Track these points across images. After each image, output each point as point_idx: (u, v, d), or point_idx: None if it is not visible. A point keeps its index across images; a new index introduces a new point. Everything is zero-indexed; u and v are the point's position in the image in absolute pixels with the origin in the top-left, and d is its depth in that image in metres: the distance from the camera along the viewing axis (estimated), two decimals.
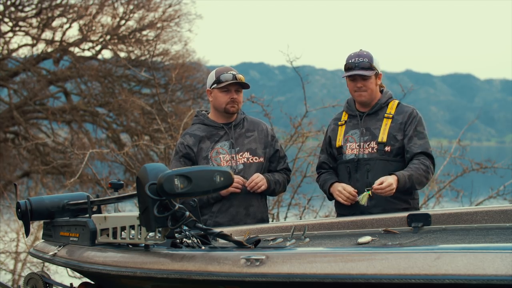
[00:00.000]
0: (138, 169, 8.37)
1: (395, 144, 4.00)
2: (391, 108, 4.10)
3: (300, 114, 8.10)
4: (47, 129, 15.40)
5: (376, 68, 4.05)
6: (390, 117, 4.06)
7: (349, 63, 4.03)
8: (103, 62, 15.60)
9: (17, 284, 8.06)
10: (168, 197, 2.77)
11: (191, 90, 15.41)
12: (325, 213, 7.91)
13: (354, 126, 4.12)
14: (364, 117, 4.10)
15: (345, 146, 4.10)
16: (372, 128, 4.07)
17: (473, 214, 3.61)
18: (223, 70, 4.17)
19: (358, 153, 4.04)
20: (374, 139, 4.03)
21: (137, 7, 15.46)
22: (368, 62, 4.00)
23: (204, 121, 4.24)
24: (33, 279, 3.56)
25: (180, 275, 2.81)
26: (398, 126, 4.03)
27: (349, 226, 3.78)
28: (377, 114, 4.10)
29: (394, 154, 4.01)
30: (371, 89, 4.05)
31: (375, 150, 4.01)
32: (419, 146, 3.99)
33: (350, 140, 4.10)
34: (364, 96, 4.06)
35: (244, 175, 4.11)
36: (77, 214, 3.63)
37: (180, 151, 4.16)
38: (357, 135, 4.09)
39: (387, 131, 4.02)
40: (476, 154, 9.97)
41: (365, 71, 4.00)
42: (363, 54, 4.03)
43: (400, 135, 4.02)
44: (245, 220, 4.09)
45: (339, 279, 2.47)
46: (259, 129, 4.27)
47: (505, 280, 2.22)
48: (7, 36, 15.04)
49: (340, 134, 4.15)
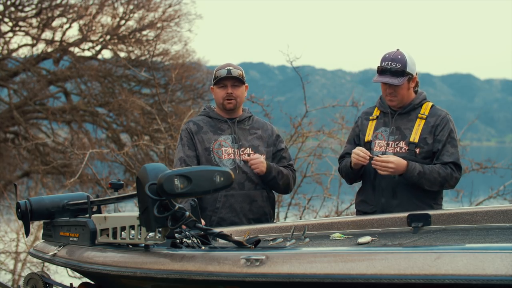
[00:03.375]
0: (138, 169, 8.37)
1: (424, 147, 3.96)
2: (425, 109, 4.04)
3: (300, 114, 8.11)
4: (47, 129, 15.39)
5: (410, 73, 3.95)
6: (424, 118, 4.00)
7: (382, 66, 3.95)
8: (103, 62, 15.59)
9: (17, 284, 8.06)
10: (168, 197, 2.76)
11: (191, 90, 15.41)
12: (325, 213, 7.91)
13: (385, 123, 4.08)
14: (395, 116, 4.06)
15: (373, 143, 4.07)
16: (402, 128, 4.02)
17: (473, 214, 3.61)
18: (221, 67, 4.19)
19: (386, 151, 4.00)
20: (403, 139, 3.99)
21: (137, 7, 15.45)
22: (401, 68, 3.91)
23: (210, 113, 4.26)
24: (33, 279, 3.55)
25: (180, 275, 2.81)
26: (429, 129, 3.98)
27: (349, 226, 3.78)
28: (409, 114, 4.05)
29: (422, 157, 3.96)
30: (401, 95, 3.98)
31: (404, 150, 3.97)
32: (451, 155, 3.94)
33: (379, 137, 4.07)
34: (395, 101, 4.00)
35: (246, 170, 4.11)
36: (77, 214, 3.63)
37: (185, 136, 4.18)
38: (387, 133, 4.05)
39: (420, 132, 3.97)
40: (476, 154, 9.98)
41: (395, 78, 3.91)
42: (397, 58, 3.93)
43: (431, 138, 3.97)
44: (249, 216, 4.10)
45: (339, 279, 2.47)
46: (264, 129, 4.28)
47: (505, 280, 2.22)
48: (7, 36, 15.03)
49: (370, 129, 4.11)
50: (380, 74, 3.97)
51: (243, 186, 4.09)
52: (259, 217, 4.13)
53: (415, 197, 3.95)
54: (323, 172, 8.11)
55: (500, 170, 7.88)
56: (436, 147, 3.96)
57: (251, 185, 4.11)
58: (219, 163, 4.07)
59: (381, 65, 3.97)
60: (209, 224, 4.01)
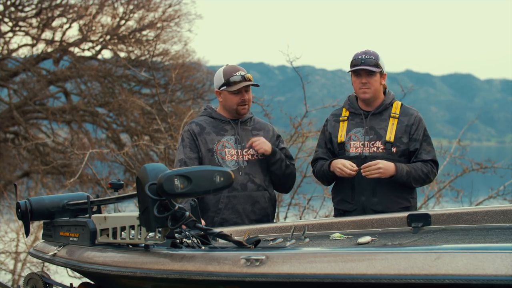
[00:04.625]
0: (138, 169, 8.37)
1: (400, 146, 4.05)
2: (395, 108, 4.13)
3: (300, 114, 8.11)
4: (47, 129, 15.39)
5: (382, 67, 4.08)
6: (396, 117, 4.09)
7: (356, 60, 4.06)
8: (103, 62, 15.59)
9: (17, 284, 8.06)
10: (168, 197, 2.76)
11: (191, 90, 15.41)
12: (325, 213, 7.91)
13: (358, 124, 4.13)
14: (369, 116, 4.11)
15: (348, 144, 4.11)
16: (377, 128, 4.08)
17: (473, 214, 3.61)
18: (232, 71, 4.12)
19: (362, 152, 4.06)
20: (379, 139, 4.05)
21: (137, 7, 15.45)
22: (374, 60, 4.04)
23: (212, 113, 4.24)
24: (33, 279, 3.55)
25: (180, 275, 2.81)
26: (404, 129, 4.07)
27: (349, 226, 3.78)
28: (382, 114, 4.12)
29: (398, 155, 4.04)
30: (375, 87, 4.07)
31: (381, 150, 4.04)
32: (429, 153, 4.07)
33: (354, 139, 4.10)
34: (368, 93, 4.07)
35: (249, 171, 4.11)
36: (77, 214, 3.63)
37: (187, 138, 4.16)
38: (361, 133, 4.09)
39: (394, 131, 4.05)
40: (476, 154, 9.98)
41: (371, 67, 4.03)
42: (369, 52, 4.07)
43: (406, 137, 4.06)
44: (251, 217, 4.09)
45: (339, 279, 2.47)
46: (266, 129, 4.28)
47: (505, 280, 2.22)
48: (7, 36, 15.03)
49: (342, 130, 4.15)
50: (354, 67, 4.07)
51: (245, 188, 4.09)
52: (261, 218, 4.13)
53: (394, 193, 4.03)
54: None
55: (500, 170, 7.89)
56: (413, 146, 4.06)
57: (253, 186, 4.11)
58: (222, 164, 4.07)
59: (354, 59, 4.07)
60: (211, 225, 4.00)
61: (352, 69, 4.06)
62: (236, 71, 4.11)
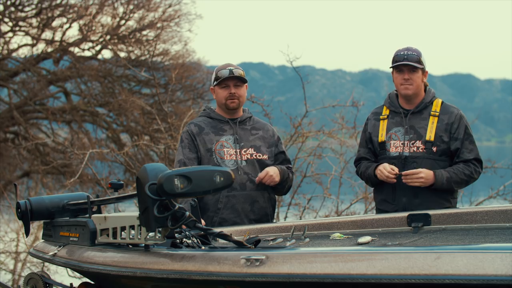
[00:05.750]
0: (138, 169, 8.37)
1: (441, 145, 4.00)
2: (436, 106, 4.08)
3: (300, 114, 8.10)
4: (47, 129, 15.39)
5: (424, 65, 4.04)
6: (437, 115, 4.04)
7: (398, 56, 4.03)
8: (103, 62, 15.59)
9: (17, 284, 8.05)
10: (168, 197, 2.76)
11: (191, 90, 15.41)
12: (325, 213, 7.91)
13: (398, 123, 4.09)
14: (409, 115, 4.08)
15: (388, 143, 4.08)
16: (417, 127, 4.04)
17: (473, 214, 3.61)
18: (222, 67, 4.18)
19: (402, 151, 4.03)
20: (419, 138, 4.01)
21: (137, 7, 15.45)
22: (417, 56, 4.01)
23: (210, 114, 4.25)
24: (33, 279, 3.55)
25: (180, 275, 2.81)
26: (444, 127, 4.02)
27: (349, 226, 3.78)
28: (422, 112, 4.07)
29: (439, 154, 4.00)
30: (417, 83, 4.03)
31: (421, 150, 4.00)
32: (471, 152, 4.02)
33: (394, 138, 4.07)
34: (410, 90, 4.02)
35: (248, 171, 4.11)
36: (77, 214, 3.63)
37: (186, 138, 4.17)
38: (401, 133, 4.06)
39: (434, 130, 4.01)
40: None
41: (414, 63, 3.99)
42: (412, 48, 4.03)
43: (446, 136, 4.01)
44: (250, 216, 4.09)
45: (339, 279, 2.47)
46: (265, 129, 4.29)
47: (505, 280, 2.22)
48: (7, 36, 15.03)
49: (382, 129, 4.12)
50: (397, 63, 4.03)
51: (244, 187, 4.09)
52: (260, 218, 4.13)
53: (435, 194, 3.99)
54: (323, 172, 8.11)
55: (500, 170, 7.88)
56: (455, 146, 4.01)
57: (252, 185, 4.11)
58: (221, 164, 4.07)
59: (396, 56, 4.03)
60: (210, 224, 4.00)
61: (394, 64, 4.02)
62: (225, 67, 4.15)
